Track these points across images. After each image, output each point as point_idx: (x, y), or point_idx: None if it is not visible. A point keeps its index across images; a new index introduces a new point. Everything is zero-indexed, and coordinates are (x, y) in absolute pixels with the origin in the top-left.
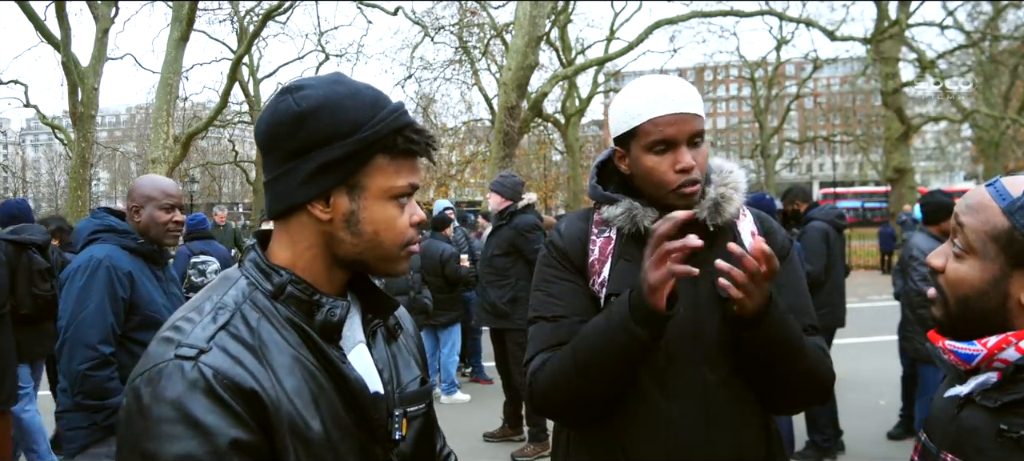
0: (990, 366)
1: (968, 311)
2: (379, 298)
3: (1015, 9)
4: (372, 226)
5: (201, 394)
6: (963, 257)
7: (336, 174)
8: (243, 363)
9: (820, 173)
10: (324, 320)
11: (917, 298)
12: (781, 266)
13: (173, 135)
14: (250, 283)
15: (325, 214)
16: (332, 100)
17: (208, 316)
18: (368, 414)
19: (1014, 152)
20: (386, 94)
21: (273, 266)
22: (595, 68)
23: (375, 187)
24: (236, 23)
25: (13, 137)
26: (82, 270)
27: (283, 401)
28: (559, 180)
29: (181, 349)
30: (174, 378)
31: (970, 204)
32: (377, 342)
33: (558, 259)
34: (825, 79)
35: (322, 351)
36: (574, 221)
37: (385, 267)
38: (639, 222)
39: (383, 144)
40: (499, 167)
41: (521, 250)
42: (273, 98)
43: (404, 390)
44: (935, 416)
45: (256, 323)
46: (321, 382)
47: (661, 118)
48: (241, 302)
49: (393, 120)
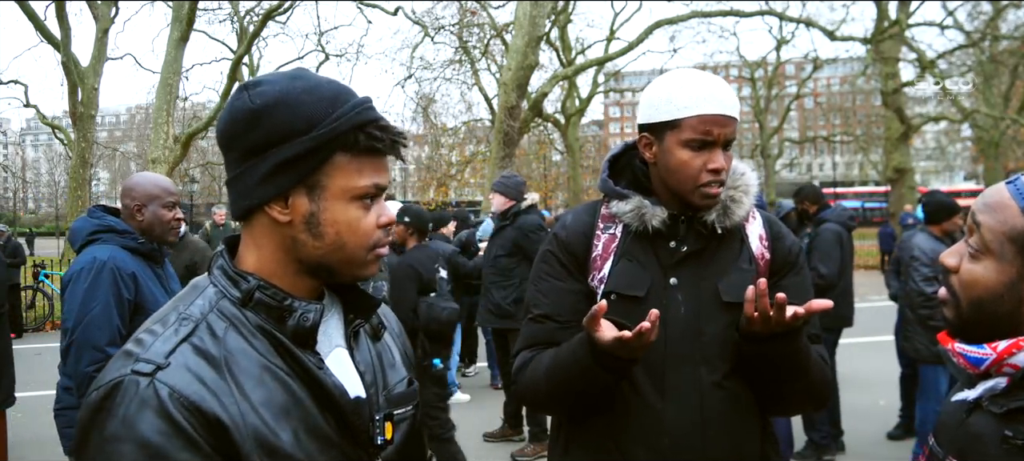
0: (999, 371)
1: (981, 314)
2: (360, 297)
3: (1015, 9)
4: (334, 228)
5: (152, 414)
6: (979, 257)
7: (293, 173)
8: (203, 379)
9: (820, 173)
10: (296, 326)
11: (918, 298)
12: (788, 273)
13: (173, 135)
14: (218, 291)
15: (284, 216)
16: (289, 96)
17: (171, 328)
18: (348, 420)
19: (1014, 152)
20: (351, 89)
21: (240, 272)
22: (595, 68)
23: (335, 187)
24: (236, 23)
25: (13, 137)
26: (86, 272)
27: (248, 415)
28: (559, 180)
29: (138, 364)
30: (128, 394)
31: (988, 203)
32: (360, 343)
33: (556, 254)
34: (825, 79)
35: (296, 358)
36: (580, 214)
37: (351, 271)
38: (648, 221)
39: (342, 141)
40: (499, 167)
41: (525, 251)
42: (231, 96)
43: (391, 392)
44: (943, 420)
45: (223, 333)
46: (295, 391)
47: (709, 116)
48: (207, 312)
49: (354, 116)
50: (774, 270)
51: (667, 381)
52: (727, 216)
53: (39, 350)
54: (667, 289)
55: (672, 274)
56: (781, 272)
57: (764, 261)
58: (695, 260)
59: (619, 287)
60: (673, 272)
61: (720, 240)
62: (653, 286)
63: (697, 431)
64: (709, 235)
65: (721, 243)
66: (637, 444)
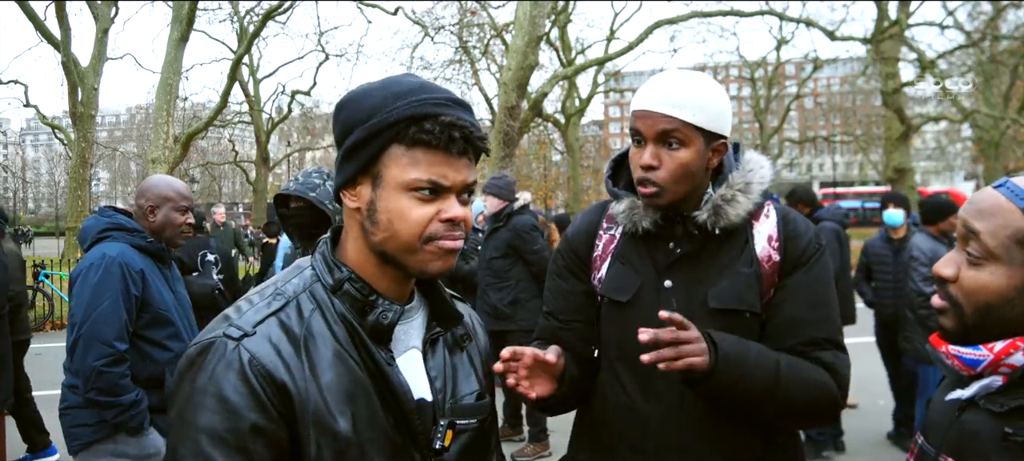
0: (995, 370)
1: (988, 319)
2: (444, 308)
3: (1015, 9)
4: (387, 216)
5: (234, 375)
6: (982, 264)
7: (355, 161)
8: (280, 352)
9: (820, 173)
10: (375, 321)
11: (918, 298)
12: (797, 273)
13: (173, 135)
14: (313, 274)
15: (353, 202)
16: (364, 90)
17: (266, 300)
18: (408, 419)
19: (1014, 152)
20: (437, 88)
21: (337, 261)
22: (595, 68)
23: (390, 177)
24: (236, 23)
25: (13, 137)
26: (95, 267)
27: (313, 394)
28: (559, 180)
29: (230, 328)
30: (216, 354)
31: (982, 209)
32: (437, 350)
33: (564, 253)
34: (825, 79)
35: (369, 351)
36: (589, 213)
37: (409, 261)
38: (637, 223)
39: (394, 132)
40: (499, 167)
41: (520, 251)
42: None
43: (458, 402)
44: (934, 419)
45: (309, 314)
46: (362, 381)
47: (636, 111)
48: (300, 292)
49: (407, 108)
50: (785, 271)
51: (653, 385)
52: (720, 216)
53: (39, 350)
54: (660, 292)
55: (667, 277)
56: (791, 273)
57: (772, 263)
58: (690, 262)
59: (608, 291)
60: (668, 275)
61: (720, 241)
62: (644, 289)
63: (681, 436)
64: (706, 236)
65: (721, 245)
66: (624, 445)
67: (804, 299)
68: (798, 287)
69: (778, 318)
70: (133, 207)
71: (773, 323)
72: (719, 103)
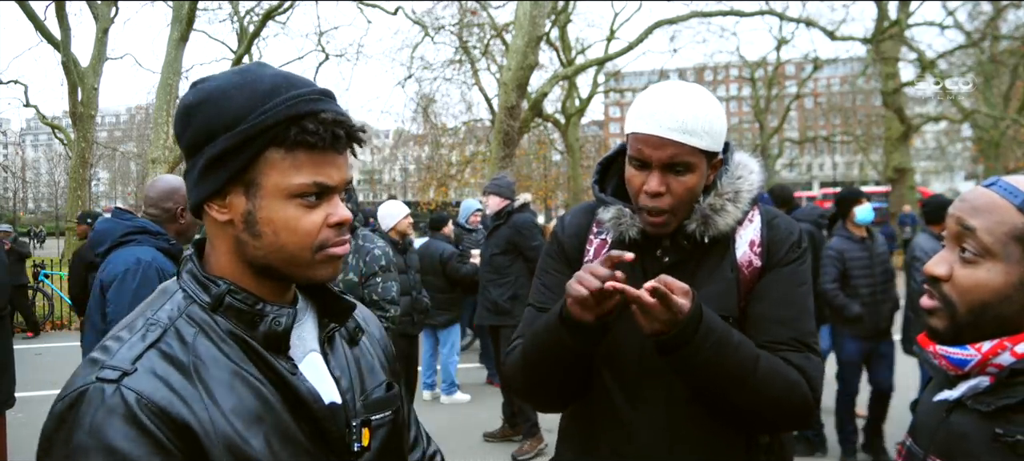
0: (983, 371)
1: (982, 318)
2: (334, 301)
3: (1015, 9)
4: (270, 227)
5: (120, 420)
6: (978, 262)
7: (223, 171)
8: (171, 385)
9: (820, 173)
10: (268, 330)
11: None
12: (771, 274)
13: (173, 135)
14: (186, 296)
15: (222, 214)
16: (221, 90)
17: (138, 334)
18: (323, 426)
19: (1014, 152)
20: (300, 79)
21: (210, 276)
22: (595, 68)
23: (269, 184)
24: (236, 23)
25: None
26: (133, 272)
27: (218, 422)
28: (559, 180)
29: (103, 371)
30: (94, 403)
31: (976, 207)
32: (335, 348)
33: (557, 250)
34: (825, 79)
35: (268, 363)
36: (578, 215)
37: (300, 272)
38: (625, 231)
39: (272, 136)
40: (499, 167)
41: (520, 248)
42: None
43: (368, 397)
44: (921, 420)
45: (192, 338)
46: (267, 397)
47: (641, 136)
48: (176, 317)
49: (285, 109)
50: (764, 273)
51: (639, 393)
52: (709, 226)
53: (39, 350)
54: None
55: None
56: (768, 273)
57: (752, 269)
58: (678, 271)
59: None
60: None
61: (707, 249)
62: None
63: (664, 444)
64: (694, 245)
65: (707, 252)
66: (608, 448)
67: (776, 298)
68: (771, 286)
69: (749, 316)
70: (155, 210)
71: (745, 324)
72: (722, 122)
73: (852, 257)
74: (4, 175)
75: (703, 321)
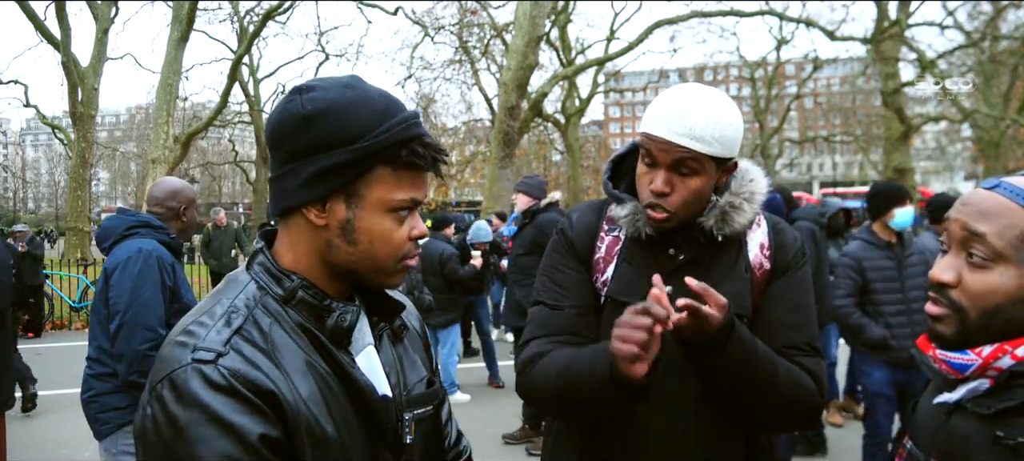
0: (983, 374)
1: (993, 322)
2: (384, 300)
3: (1015, 9)
4: (367, 236)
5: (225, 395)
6: (989, 266)
7: (335, 180)
8: (259, 366)
9: (820, 173)
10: (335, 325)
11: None
12: (784, 279)
13: (173, 135)
14: (260, 287)
15: (320, 219)
16: (339, 105)
17: (221, 320)
18: (378, 418)
19: (1014, 152)
20: (400, 102)
21: (283, 270)
22: (595, 68)
23: (373, 198)
24: (236, 23)
25: (13, 137)
26: (134, 259)
27: (300, 405)
28: (559, 180)
29: (198, 353)
30: (196, 381)
31: (983, 211)
32: (383, 344)
33: (565, 248)
34: (825, 79)
35: (333, 356)
36: (586, 212)
37: (379, 279)
38: (641, 228)
39: (385, 155)
40: (499, 167)
41: (542, 247)
42: (284, 97)
43: (410, 392)
44: (921, 422)
45: (268, 328)
46: (333, 387)
47: (651, 136)
48: (252, 306)
49: (400, 131)
50: (773, 278)
51: (654, 393)
52: (726, 223)
53: (39, 350)
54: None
55: (668, 282)
56: (777, 279)
57: (762, 271)
58: (692, 269)
59: (616, 292)
60: (670, 280)
61: (719, 248)
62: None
63: (679, 444)
64: (707, 243)
65: (720, 251)
66: (619, 451)
67: (787, 304)
68: (782, 292)
69: (762, 322)
70: (159, 208)
71: (756, 327)
72: (736, 129)
73: (873, 266)
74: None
75: (735, 331)
